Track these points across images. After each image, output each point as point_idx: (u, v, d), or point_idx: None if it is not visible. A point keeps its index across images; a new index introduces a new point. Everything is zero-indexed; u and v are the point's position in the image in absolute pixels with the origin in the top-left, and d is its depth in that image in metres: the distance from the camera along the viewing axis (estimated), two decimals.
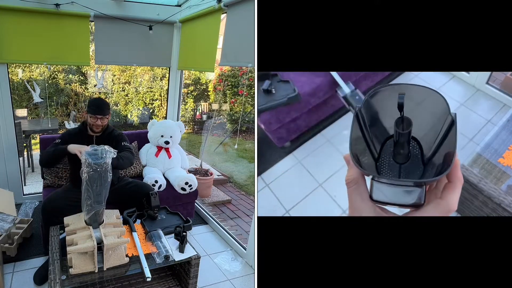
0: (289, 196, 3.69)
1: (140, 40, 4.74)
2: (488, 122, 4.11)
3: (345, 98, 3.37)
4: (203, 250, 3.92)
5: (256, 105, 1.04)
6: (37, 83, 7.75)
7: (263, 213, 3.47)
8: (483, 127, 4.03)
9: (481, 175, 3.05)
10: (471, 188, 3.05)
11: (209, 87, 10.58)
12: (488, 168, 3.13)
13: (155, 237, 2.80)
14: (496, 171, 3.11)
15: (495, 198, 2.93)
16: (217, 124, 10.23)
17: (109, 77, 10.03)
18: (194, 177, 4.32)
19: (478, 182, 3.00)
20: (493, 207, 2.98)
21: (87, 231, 2.49)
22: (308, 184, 3.75)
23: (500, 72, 4.21)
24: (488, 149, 3.25)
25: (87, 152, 2.40)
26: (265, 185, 3.76)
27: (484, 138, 3.36)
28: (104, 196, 2.47)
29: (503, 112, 4.08)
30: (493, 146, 3.27)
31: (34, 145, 6.97)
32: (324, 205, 3.56)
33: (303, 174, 3.85)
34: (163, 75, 9.91)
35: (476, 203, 3.11)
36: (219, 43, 3.96)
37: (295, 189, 3.73)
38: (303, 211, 3.54)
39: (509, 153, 3.21)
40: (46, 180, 3.98)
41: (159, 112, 10.03)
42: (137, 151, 4.60)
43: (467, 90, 4.49)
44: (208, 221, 4.64)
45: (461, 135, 3.98)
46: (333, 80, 3.46)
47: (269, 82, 3.23)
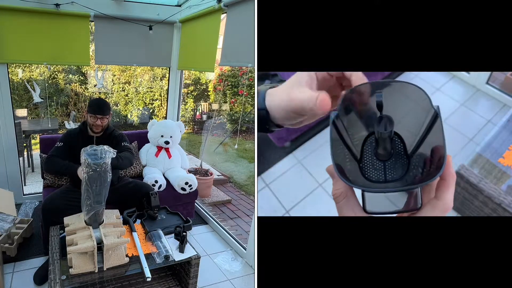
0: (289, 196, 3.71)
1: (140, 40, 4.75)
2: (488, 122, 4.14)
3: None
4: (203, 250, 3.92)
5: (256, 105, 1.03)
6: (37, 83, 7.75)
7: (263, 213, 3.50)
8: (483, 127, 4.07)
9: (481, 175, 3.09)
10: (471, 188, 3.09)
11: (209, 87, 10.59)
12: (488, 168, 3.18)
13: (155, 237, 2.80)
14: (496, 171, 3.16)
15: (495, 198, 2.96)
16: (217, 124, 10.24)
17: (109, 77, 10.03)
18: (194, 177, 4.32)
19: (478, 182, 3.04)
20: (493, 207, 3.01)
21: (87, 231, 2.49)
22: (308, 184, 3.77)
23: (500, 72, 4.24)
24: (488, 149, 3.29)
25: (86, 152, 2.40)
26: (265, 185, 3.80)
27: (484, 138, 3.43)
28: (104, 196, 2.46)
29: (503, 112, 4.13)
30: (493, 146, 3.32)
31: (34, 145, 6.98)
32: (324, 205, 3.56)
33: (303, 174, 3.88)
34: (163, 75, 9.92)
35: (476, 203, 3.14)
36: (219, 43, 3.96)
37: (295, 189, 3.75)
38: (303, 211, 3.57)
39: (509, 153, 3.26)
40: (46, 180, 3.98)
41: (159, 112, 10.04)
42: (137, 151, 4.60)
43: (467, 90, 4.54)
44: (208, 221, 4.63)
45: (461, 135, 3.98)
46: None
47: (269, 82, 3.17)
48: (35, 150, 6.80)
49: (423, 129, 0.88)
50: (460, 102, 4.43)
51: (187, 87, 10.43)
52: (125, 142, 3.62)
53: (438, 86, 4.62)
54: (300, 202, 3.66)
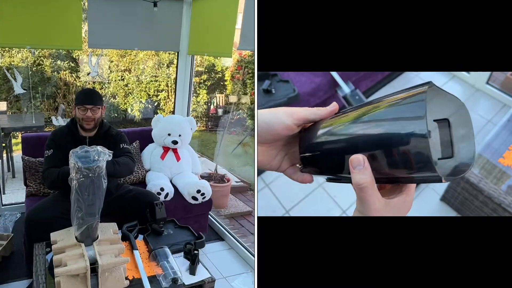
0: (289, 196, 4.08)
1: (143, 19, 4.74)
2: (488, 122, 4.69)
3: (345, 98, 3.86)
4: (219, 271, 3.93)
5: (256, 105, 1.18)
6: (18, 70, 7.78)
7: (263, 213, 3.76)
8: (483, 127, 4.59)
9: (481, 175, 3.56)
10: (471, 188, 3.58)
11: (226, 75, 10.60)
12: (488, 168, 3.65)
13: (160, 256, 2.80)
14: (496, 171, 3.63)
15: (495, 198, 3.42)
16: (235, 120, 10.24)
17: (105, 64, 10.09)
18: (207, 184, 4.33)
19: (478, 182, 3.50)
20: (493, 207, 3.47)
21: (78, 249, 2.49)
22: (308, 184, 3.87)
23: (500, 72, 4.80)
24: (488, 149, 3.77)
25: (76, 155, 2.37)
26: (265, 185, 4.07)
27: (484, 138, 3.93)
28: (98, 207, 2.44)
29: (503, 112, 4.67)
30: (493, 146, 3.80)
31: (15, 146, 7.03)
32: (324, 205, 4.00)
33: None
34: (171, 61, 9.97)
35: (476, 203, 3.63)
36: (237, 23, 3.95)
37: (295, 189, 4.10)
38: (303, 211, 3.95)
39: (509, 153, 3.73)
40: (30, 188, 4.00)
41: (166, 105, 10.09)
42: (139, 153, 4.61)
43: (467, 90, 5.14)
44: (224, 237, 4.65)
45: None
46: (333, 80, 3.94)
47: (269, 82, 3.61)
48: (17, 151, 6.84)
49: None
50: None
51: (199, 76, 10.46)
52: (124, 144, 3.60)
53: (438, 86, 4.85)
54: (300, 202, 4.02)
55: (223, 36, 4.14)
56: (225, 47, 4.11)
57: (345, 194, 4.05)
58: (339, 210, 3.95)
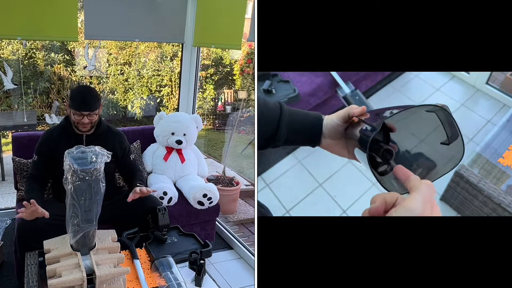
0: (289, 196, 4.41)
1: (144, 7, 4.74)
2: (488, 122, 5.11)
3: (345, 98, 4.19)
4: (227, 283, 3.93)
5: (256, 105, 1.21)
6: (8, 64, 7.81)
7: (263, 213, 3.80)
8: (483, 127, 5.04)
9: (481, 175, 3.83)
10: (471, 188, 3.84)
11: (235, 69, 10.62)
12: (488, 168, 3.94)
13: (163, 266, 2.80)
14: (496, 171, 3.92)
15: (495, 198, 3.67)
16: (245, 118, 10.24)
17: (103, 57, 10.10)
18: (215, 187, 4.33)
19: (478, 182, 3.76)
20: (493, 207, 3.72)
21: (73, 258, 2.49)
22: (308, 184, 4.58)
23: (500, 72, 5.26)
24: (488, 149, 4.08)
25: (71, 155, 2.33)
26: (265, 185, 4.39)
27: (484, 138, 4.28)
28: (95, 213, 2.43)
29: (503, 112, 5.09)
30: (493, 146, 4.11)
31: (5, 146, 7.05)
32: (324, 205, 4.33)
33: (303, 174, 4.68)
34: (174, 53, 9.98)
35: (476, 203, 3.90)
36: (247, 12, 3.95)
37: (295, 189, 4.49)
38: (303, 211, 4.27)
39: (509, 153, 4.02)
40: (21, 192, 3.99)
41: (169, 102, 10.11)
42: (141, 153, 4.62)
43: (467, 90, 5.61)
44: (233, 245, 4.66)
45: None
46: (333, 80, 4.27)
47: (269, 82, 3.83)
48: (7, 152, 6.86)
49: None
50: (460, 102, 5.43)
51: (205, 70, 10.47)
52: (132, 155, 3.60)
53: (438, 86, 5.68)
54: (300, 202, 4.35)
55: (231, 26, 4.15)
56: (234, 38, 4.11)
57: (345, 194, 4.32)
58: (339, 210, 4.26)
